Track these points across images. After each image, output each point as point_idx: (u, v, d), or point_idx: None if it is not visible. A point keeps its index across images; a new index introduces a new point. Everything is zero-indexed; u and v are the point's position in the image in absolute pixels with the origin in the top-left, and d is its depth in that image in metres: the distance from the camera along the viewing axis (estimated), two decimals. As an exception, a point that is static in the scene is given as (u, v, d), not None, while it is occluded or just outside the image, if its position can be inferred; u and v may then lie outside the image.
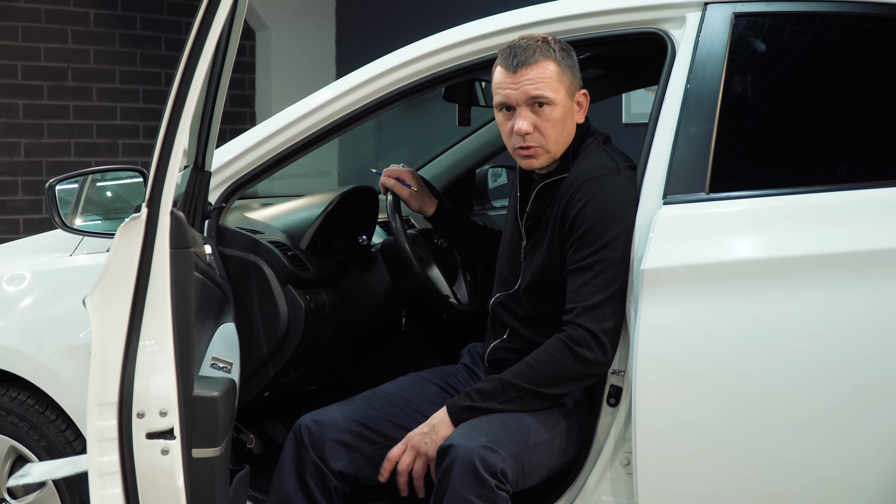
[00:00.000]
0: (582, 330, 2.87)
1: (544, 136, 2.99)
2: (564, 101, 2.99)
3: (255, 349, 3.18)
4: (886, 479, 2.73)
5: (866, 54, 3.00)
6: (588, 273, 2.90)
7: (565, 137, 3.02)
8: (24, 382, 3.28)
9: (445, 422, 2.92)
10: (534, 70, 2.96)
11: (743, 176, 2.97)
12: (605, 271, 2.88)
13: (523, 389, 2.90)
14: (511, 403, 2.90)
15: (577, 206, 2.93)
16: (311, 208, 3.63)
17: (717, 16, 2.99)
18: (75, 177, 3.30)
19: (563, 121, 2.99)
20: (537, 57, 2.96)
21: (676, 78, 2.98)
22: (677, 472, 2.83)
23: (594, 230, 2.90)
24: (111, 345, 2.67)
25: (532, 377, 2.89)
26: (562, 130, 3.00)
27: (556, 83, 2.97)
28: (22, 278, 3.35)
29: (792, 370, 2.75)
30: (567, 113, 3.00)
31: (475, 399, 2.91)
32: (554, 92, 2.96)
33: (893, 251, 2.73)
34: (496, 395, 2.90)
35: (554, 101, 2.97)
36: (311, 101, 3.22)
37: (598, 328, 2.86)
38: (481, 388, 2.92)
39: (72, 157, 7.61)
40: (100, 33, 7.75)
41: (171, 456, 2.66)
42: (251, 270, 3.19)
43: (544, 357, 2.89)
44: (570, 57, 3.00)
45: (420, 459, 2.93)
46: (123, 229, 2.68)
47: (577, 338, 2.87)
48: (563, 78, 2.98)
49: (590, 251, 2.90)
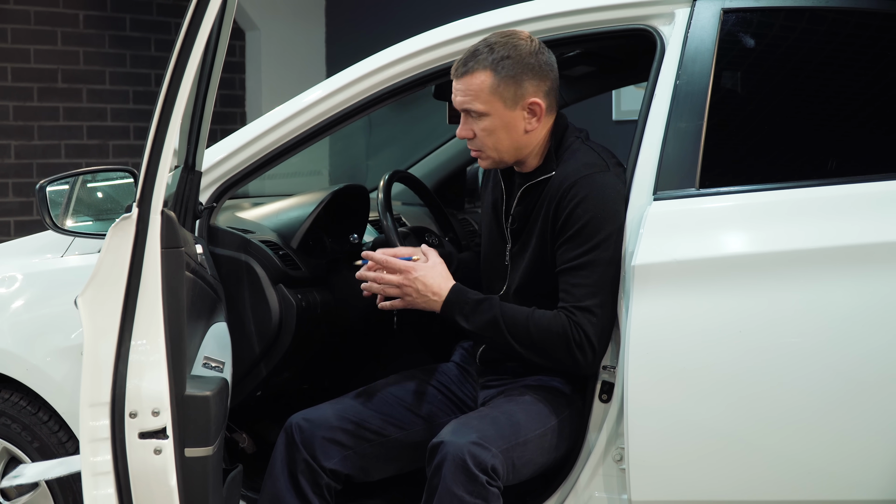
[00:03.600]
0: (582, 333, 2.87)
1: (482, 143, 2.99)
2: (501, 113, 2.95)
3: (247, 348, 3.18)
4: (880, 474, 2.73)
5: (855, 49, 3.00)
6: (582, 273, 2.90)
7: (509, 145, 2.99)
8: (17, 384, 3.27)
9: (438, 304, 2.95)
10: (464, 81, 2.95)
11: (733, 171, 2.97)
12: (599, 271, 2.89)
13: (508, 344, 2.93)
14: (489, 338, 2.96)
15: (570, 205, 2.92)
16: (302, 207, 3.63)
17: (705, 12, 2.99)
18: (66, 178, 3.30)
19: (500, 131, 2.97)
20: (470, 67, 2.94)
21: (666, 74, 2.98)
22: (669, 468, 2.83)
23: (587, 229, 2.90)
24: (103, 345, 2.67)
25: (523, 340, 2.91)
26: (500, 139, 2.97)
27: (488, 95, 2.93)
28: (13, 280, 3.35)
29: (784, 365, 2.76)
30: (507, 124, 2.96)
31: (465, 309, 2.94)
32: (484, 104, 2.94)
33: (884, 245, 2.74)
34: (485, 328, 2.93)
35: (485, 113, 2.95)
36: (301, 101, 3.22)
37: (594, 332, 2.88)
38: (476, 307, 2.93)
39: (62, 159, 7.60)
40: (89, 35, 7.74)
41: (163, 455, 2.66)
42: (243, 270, 3.19)
43: (543, 326, 2.90)
44: (518, 65, 2.93)
45: (401, 297, 2.97)
46: (114, 229, 2.68)
47: (576, 338, 2.87)
48: (498, 90, 2.93)
49: (583, 250, 2.90)
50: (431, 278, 2.96)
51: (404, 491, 3.37)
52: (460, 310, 2.95)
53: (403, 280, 2.96)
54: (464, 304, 2.94)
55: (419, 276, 2.96)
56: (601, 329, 2.89)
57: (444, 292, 2.96)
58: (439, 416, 3.15)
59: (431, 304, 2.96)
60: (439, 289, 2.96)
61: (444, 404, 3.20)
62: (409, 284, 2.96)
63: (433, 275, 2.97)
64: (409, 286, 2.96)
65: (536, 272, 3.01)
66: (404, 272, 2.96)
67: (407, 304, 2.98)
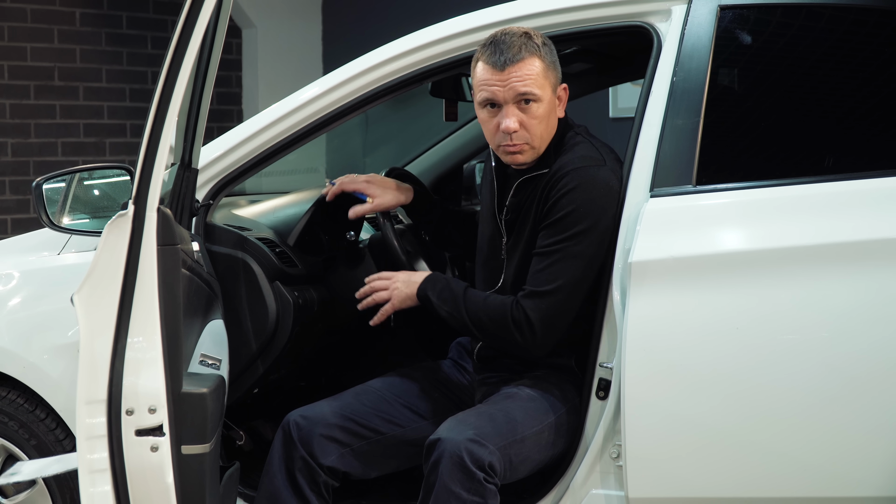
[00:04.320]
0: (522, 312, 2.93)
1: (530, 133, 2.99)
2: (550, 98, 3.00)
3: (244, 346, 3.18)
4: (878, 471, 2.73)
5: (852, 46, 3.00)
6: (546, 260, 2.94)
7: (549, 133, 3.03)
8: (14, 382, 3.27)
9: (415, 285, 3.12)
10: (522, 67, 2.96)
11: (730, 168, 2.97)
12: (563, 262, 2.92)
13: (465, 325, 3.04)
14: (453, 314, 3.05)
15: (558, 195, 2.95)
16: (298, 205, 3.63)
17: (702, 8, 2.99)
18: (62, 175, 3.29)
19: (547, 117, 3.00)
20: (524, 54, 2.95)
21: (663, 71, 2.99)
22: (667, 465, 2.83)
23: (566, 220, 2.92)
24: (99, 342, 2.67)
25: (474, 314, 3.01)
26: (546, 126, 3.01)
27: (543, 80, 2.97)
28: (10, 277, 3.35)
29: (780, 362, 2.76)
30: (551, 109, 3.01)
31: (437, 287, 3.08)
32: (541, 89, 2.97)
33: (881, 241, 2.74)
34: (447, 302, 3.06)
35: (541, 98, 2.97)
36: (298, 98, 3.22)
37: (536, 316, 2.92)
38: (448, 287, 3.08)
39: (59, 157, 7.60)
40: (86, 32, 7.74)
41: (160, 452, 2.66)
42: (239, 267, 3.19)
43: (491, 306, 3.01)
44: (552, 52, 3.01)
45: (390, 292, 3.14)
46: (110, 227, 2.68)
47: (515, 317, 2.95)
48: (548, 74, 2.98)
49: (555, 239, 2.93)
50: (408, 274, 3.16)
51: (401, 488, 3.36)
52: (433, 286, 3.08)
53: (388, 282, 3.14)
54: (436, 281, 3.08)
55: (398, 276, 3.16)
56: (548, 315, 2.93)
57: (423, 276, 3.12)
58: (436, 414, 3.15)
59: (411, 286, 3.12)
60: (418, 276, 3.12)
61: (441, 401, 3.20)
62: (388, 278, 3.15)
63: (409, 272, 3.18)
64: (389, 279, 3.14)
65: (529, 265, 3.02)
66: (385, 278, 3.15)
67: (395, 298, 3.12)
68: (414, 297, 3.10)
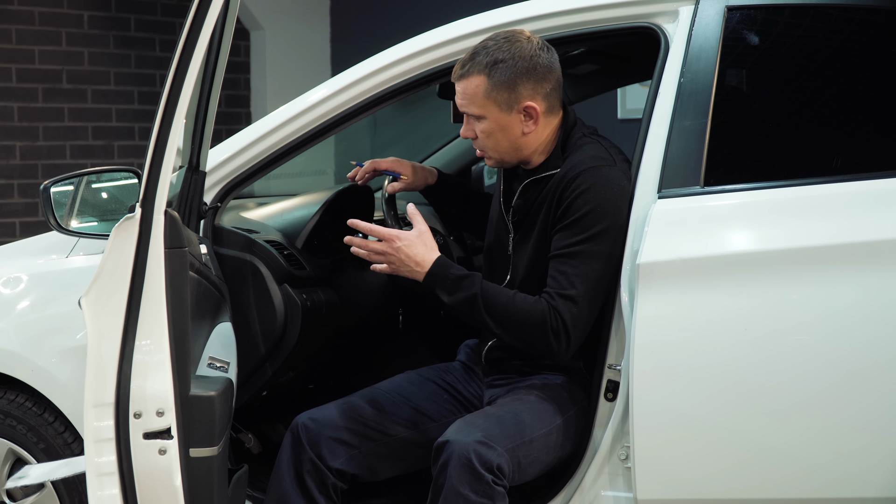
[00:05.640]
0: (559, 320, 2.88)
1: (483, 145, 3.02)
2: (496, 116, 2.97)
3: (252, 348, 3.18)
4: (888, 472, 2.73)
5: (860, 46, 3.00)
6: (571, 262, 2.91)
7: (508, 147, 3.01)
8: (22, 385, 3.27)
9: (421, 275, 2.92)
10: (461, 84, 2.98)
11: (737, 169, 2.97)
12: (589, 262, 2.90)
13: (484, 323, 2.93)
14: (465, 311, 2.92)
15: (573, 195, 2.93)
16: (306, 207, 3.63)
17: (709, 9, 2.99)
18: (70, 178, 3.30)
19: (497, 133, 2.99)
20: (465, 71, 2.97)
21: (670, 72, 2.98)
22: (675, 467, 2.83)
23: (585, 220, 2.91)
24: (107, 345, 2.67)
25: (499, 316, 2.90)
26: (499, 141, 3.00)
27: (483, 99, 2.96)
28: (18, 280, 3.35)
29: (789, 363, 2.75)
30: (503, 127, 2.98)
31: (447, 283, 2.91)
32: (480, 108, 2.97)
33: (890, 242, 2.74)
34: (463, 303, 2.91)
35: (482, 116, 2.98)
36: (306, 100, 3.22)
37: (572, 322, 2.88)
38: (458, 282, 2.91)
39: (67, 160, 7.60)
40: (94, 35, 7.74)
41: (168, 456, 2.67)
42: (247, 270, 3.19)
43: (523, 310, 2.89)
44: (512, 69, 2.93)
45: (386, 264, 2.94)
46: (118, 229, 2.68)
47: (553, 324, 2.88)
48: (491, 94, 2.95)
49: (577, 240, 2.91)
50: (415, 247, 2.94)
51: (410, 490, 3.37)
52: (441, 283, 2.93)
53: (387, 248, 2.93)
54: (445, 278, 2.93)
55: (402, 245, 2.93)
56: (580, 319, 2.89)
57: (428, 264, 2.93)
58: (445, 416, 3.15)
59: (415, 273, 2.94)
60: (423, 259, 2.93)
61: (449, 403, 3.20)
62: (392, 253, 2.93)
63: (417, 244, 2.94)
64: (393, 255, 2.93)
65: (539, 262, 3.01)
66: (388, 240, 2.93)
67: (392, 271, 2.95)
68: (420, 278, 2.95)
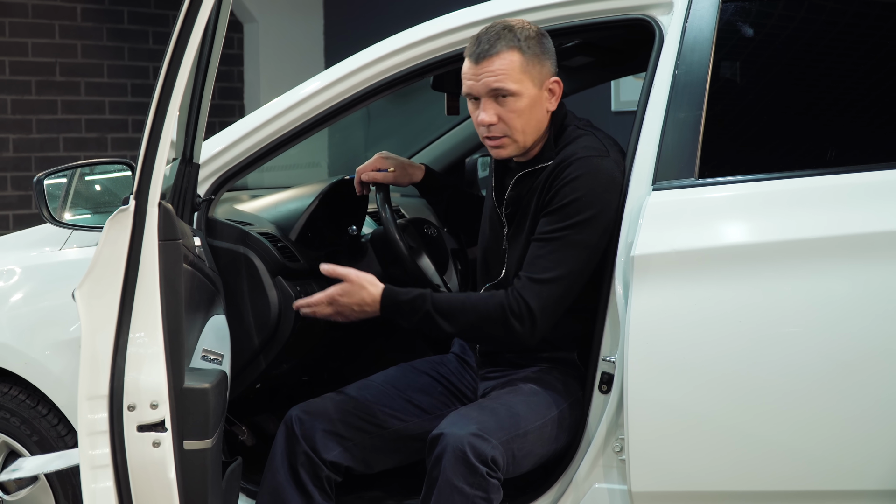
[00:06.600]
0: (522, 302, 2.88)
1: (509, 127, 2.97)
2: (530, 92, 2.96)
3: (246, 341, 3.18)
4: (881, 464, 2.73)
5: (855, 38, 3.00)
6: (547, 247, 2.91)
7: (534, 127, 2.99)
8: (16, 378, 3.27)
9: (376, 312, 2.98)
10: (495, 61, 2.93)
11: (732, 161, 2.97)
12: (564, 250, 2.90)
13: (447, 333, 2.96)
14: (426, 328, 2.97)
15: (561, 183, 2.93)
16: (300, 199, 3.62)
17: (704, 1, 2.98)
18: (63, 171, 3.29)
19: (529, 111, 2.97)
20: (499, 48, 2.93)
21: (664, 64, 2.98)
22: (669, 459, 2.83)
23: (569, 208, 2.90)
24: (101, 338, 2.67)
25: (457, 322, 2.94)
26: (529, 120, 2.97)
27: (519, 74, 2.94)
28: (12, 273, 3.35)
29: (784, 355, 2.76)
30: (534, 103, 2.97)
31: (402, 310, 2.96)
32: (516, 83, 2.94)
33: (884, 234, 2.74)
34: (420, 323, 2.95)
35: (517, 93, 2.94)
36: (300, 92, 3.22)
37: (536, 305, 2.88)
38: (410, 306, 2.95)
39: (60, 152, 7.60)
40: (87, 28, 7.73)
41: (162, 448, 2.66)
42: (241, 262, 3.19)
43: (480, 306, 2.93)
44: (539, 45, 2.96)
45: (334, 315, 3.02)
46: (111, 222, 2.68)
47: (514, 308, 2.89)
48: (527, 68, 2.94)
49: (557, 227, 2.91)
50: (354, 294, 2.99)
51: (404, 483, 3.37)
52: (396, 312, 2.98)
53: (332, 306, 3.02)
54: (397, 307, 2.97)
55: (341, 298, 3.00)
56: (548, 303, 2.89)
57: (376, 302, 2.98)
58: (439, 408, 3.15)
59: (368, 314, 3.01)
60: (368, 299, 2.99)
61: (443, 396, 3.20)
62: (339, 310, 3.01)
63: (353, 290, 3.00)
64: (340, 308, 3.01)
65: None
66: (328, 298, 3.02)
67: (347, 320, 3.04)
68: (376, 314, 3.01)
